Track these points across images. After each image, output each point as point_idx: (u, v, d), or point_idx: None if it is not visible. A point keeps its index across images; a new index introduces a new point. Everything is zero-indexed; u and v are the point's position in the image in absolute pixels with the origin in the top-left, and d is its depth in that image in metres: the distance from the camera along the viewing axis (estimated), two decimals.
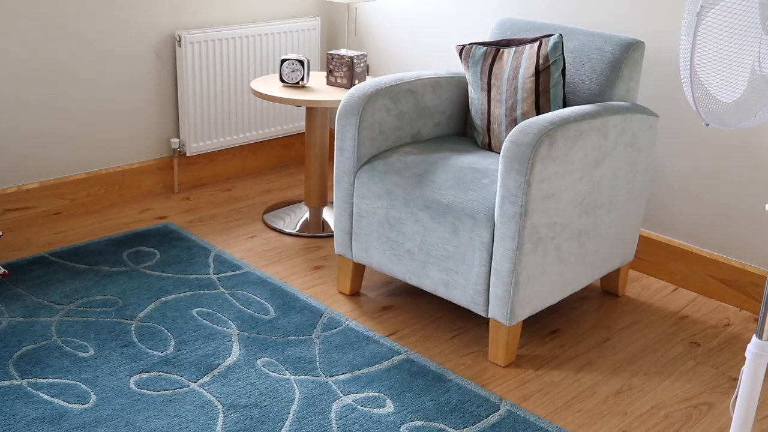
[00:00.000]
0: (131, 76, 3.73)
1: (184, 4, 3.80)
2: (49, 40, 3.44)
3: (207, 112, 3.93)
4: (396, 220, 2.75)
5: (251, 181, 4.19)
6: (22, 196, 3.53)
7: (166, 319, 2.81)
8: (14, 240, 3.42)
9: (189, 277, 3.10)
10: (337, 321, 2.84)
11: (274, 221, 3.64)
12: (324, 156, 3.59)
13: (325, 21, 4.38)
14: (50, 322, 2.78)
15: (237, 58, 3.96)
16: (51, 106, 3.53)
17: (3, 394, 2.39)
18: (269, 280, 3.10)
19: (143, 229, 3.52)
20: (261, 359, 2.60)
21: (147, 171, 3.89)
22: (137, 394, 2.41)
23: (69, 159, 3.64)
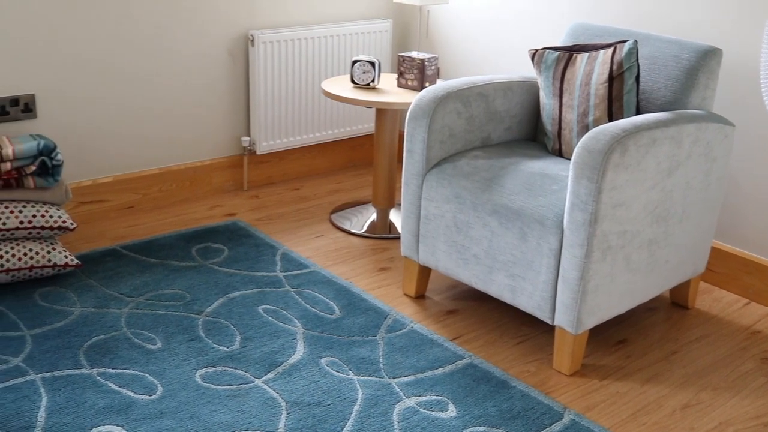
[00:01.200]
0: (205, 75, 3.78)
1: (258, 5, 3.84)
2: (126, 40, 3.51)
3: (278, 112, 3.96)
4: (463, 224, 2.75)
5: (319, 180, 4.21)
6: (96, 189, 3.61)
7: (232, 315, 2.84)
8: (88, 232, 3.50)
9: (256, 275, 3.13)
10: (401, 323, 2.84)
11: (341, 221, 3.66)
12: (393, 158, 3.60)
13: (396, 23, 4.39)
14: (120, 313, 2.83)
15: (308, 59, 3.99)
16: (126, 103, 3.60)
17: (73, 382, 2.44)
18: (335, 280, 3.11)
19: (212, 225, 3.57)
20: (325, 358, 2.61)
21: (217, 168, 3.95)
22: (202, 387, 2.44)
23: (142, 155, 3.71)
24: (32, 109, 3.37)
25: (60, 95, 3.42)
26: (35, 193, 3.02)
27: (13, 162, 2.97)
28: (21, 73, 3.31)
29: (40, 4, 3.27)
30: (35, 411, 2.31)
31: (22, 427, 2.24)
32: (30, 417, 2.28)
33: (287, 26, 3.97)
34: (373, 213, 3.69)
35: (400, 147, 4.42)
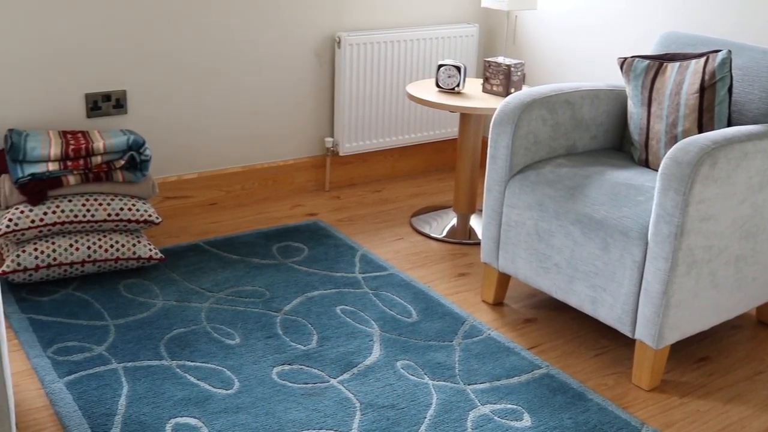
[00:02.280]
0: (291, 75, 3.82)
1: (346, 7, 3.87)
2: (215, 40, 3.57)
3: (362, 114, 3.98)
4: (545, 232, 2.72)
5: (401, 183, 4.22)
6: (181, 185, 3.68)
7: (310, 314, 2.86)
8: (172, 227, 3.56)
9: (335, 275, 3.15)
10: (478, 329, 2.83)
11: (422, 225, 3.65)
12: (475, 163, 3.58)
13: (483, 28, 4.37)
14: (201, 308, 2.88)
15: (394, 62, 4.00)
16: (213, 102, 3.66)
17: (153, 373, 2.49)
18: (413, 284, 3.11)
19: (293, 224, 3.60)
20: (401, 361, 2.61)
21: (300, 168, 3.98)
22: (278, 384, 2.47)
23: (227, 152, 3.77)
24: (123, 105, 3.45)
25: (150, 92, 3.49)
26: (123, 187, 3.09)
27: (104, 156, 3.05)
28: (113, 69, 3.39)
29: (132, 4, 3.35)
30: (116, 399, 2.36)
31: (104, 414, 2.30)
32: (111, 405, 2.34)
33: (374, 29, 3.98)
34: (453, 218, 3.67)
35: (483, 152, 4.39)
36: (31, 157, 2.98)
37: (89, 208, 2.98)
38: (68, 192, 3.00)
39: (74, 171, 3.00)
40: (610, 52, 3.77)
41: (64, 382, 2.43)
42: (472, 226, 3.62)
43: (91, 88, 3.38)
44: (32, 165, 2.97)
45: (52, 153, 2.99)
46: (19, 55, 3.20)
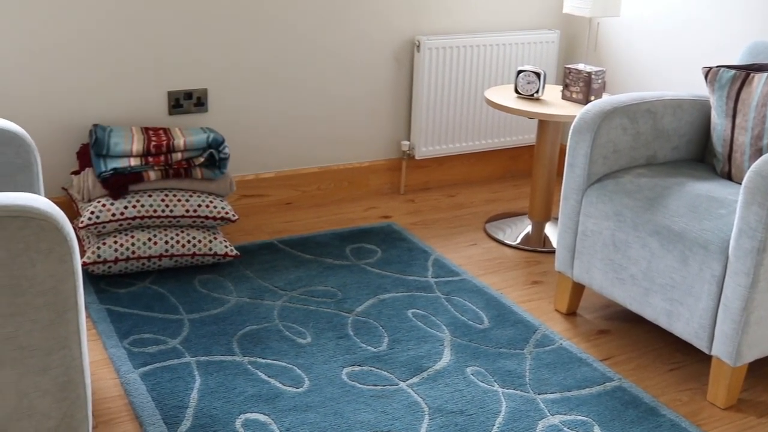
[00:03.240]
0: (369, 78, 3.84)
1: (426, 11, 3.87)
2: (295, 42, 3.61)
3: (439, 118, 3.98)
4: (622, 243, 2.67)
5: (476, 189, 4.20)
6: (258, 184, 3.72)
7: (381, 316, 2.87)
8: (247, 225, 3.61)
9: (407, 278, 3.15)
10: (550, 339, 2.79)
11: (496, 231, 3.63)
12: (552, 170, 3.54)
13: (564, 34, 4.32)
14: (273, 306, 2.91)
15: (473, 66, 3.98)
16: (291, 103, 3.69)
17: (225, 368, 2.52)
18: (486, 290, 3.09)
19: (367, 226, 3.61)
20: (471, 367, 2.60)
21: (376, 170, 4.00)
22: (348, 385, 2.47)
23: (304, 153, 3.80)
24: (204, 103, 3.51)
25: (230, 91, 3.54)
26: (202, 184, 3.14)
27: (184, 153, 3.10)
28: (196, 68, 3.45)
29: (216, 5, 3.40)
30: (188, 392, 2.40)
31: (176, 406, 2.33)
32: (183, 397, 2.37)
33: (454, 33, 3.97)
34: (528, 225, 3.64)
35: (560, 160, 4.35)
36: (114, 152, 3.04)
37: (168, 203, 3.04)
38: (148, 187, 3.06)
39: (155, 167, 3.06)
40: (693, 60, 3.70)
41: (139, 373, 2.48)
42: (546, 234, 3.58)
43: (174, 86, 3.44)
44: (115, 160, 3.04)
45: (134, 149, 3.05)
46: (105, 53, 3.28)
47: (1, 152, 2.26)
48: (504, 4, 4.06)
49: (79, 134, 3.34)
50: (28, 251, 1.58)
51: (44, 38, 3.17)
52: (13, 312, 1.60)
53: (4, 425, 1.67)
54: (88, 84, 3.29)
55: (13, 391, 1.66)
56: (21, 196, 1.60)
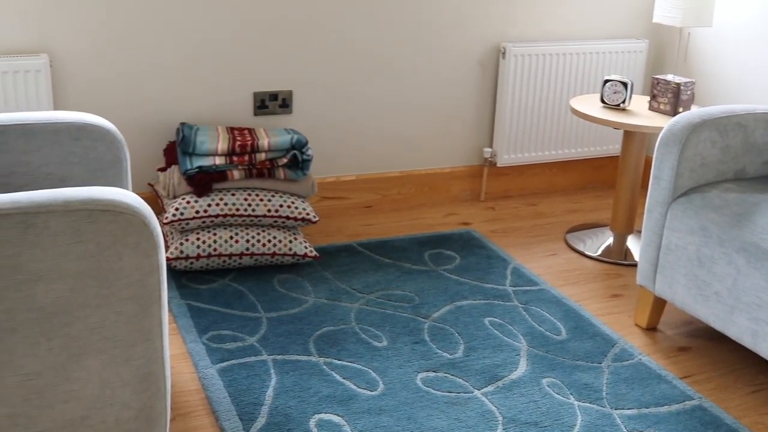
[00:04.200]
0: (453, 84, 3.83)
1: (512, 17, 3.84)
2: (380, 46, 3.62)
3: (522, 126, 3.95)
4: (707, 259, 2.61)
5: (557, 198, 4.16)
6: (339, 186, 3.75)
7: (458, 323, 2.86)
8: (327, 227, 3.64)
9: (485, 286, 3.13)
10: (629, 353, 2.75)
11: (576, 242, 3.59)
12: (636, 182, 3.48)
13: (652, 44, 4.25)
14: (350, 308, 2.92)
15: (558, 74, 3.94)
16: (375, 107, 3.71)
17: (301, 367, 2.54)
18: (564, 301, 3.06)
19: (447, 232, 3.61)
20: (547, 379, 2.57)
21: (457, 177, 3.99)
22: (422, 391, 2.47)
23: (385, 157, 3.81)
24: (289, 104, 3.55)
25: (315, 94, 3.58)
26: (284, 185, 3.17)
27: (268, 153, 3.14)
28: (282, 70, 3.49)
29: (303, 8, 3.44)
30: (264, 390, 2.43)
31: (251, 403, 2.36)
32: (259, 395, 2.40)
33: (540, 40, 3.94)
34: (609, 237, 3.59)
35: (645, 172, 4.27)
36: (200, 151, 3.10)
37: (251, 202, 3.08)
38: (232, 186, 3.11)
39: (239, 166, 3.10)
40: None
41: (217, 369, 2.52)
42: (628, 246, 3.52)
43: (260, 87, 3.49)
44: (200, 158, 3.09)
45: (219, 147, 3.10)
46: (194, 53, 3.34)
47: (93, 147, 2.32)
48: (592, 13, 4.01)
49: (167, 132, 3.41)
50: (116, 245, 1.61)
51: (136, 40, 3.25)
52: (100, 303, 1.64)
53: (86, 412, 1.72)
54: (177, 83, 3.35)
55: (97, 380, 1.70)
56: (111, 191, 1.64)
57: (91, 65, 3.22)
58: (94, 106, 3.28)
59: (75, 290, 1.62)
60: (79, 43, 3.18)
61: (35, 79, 3.06)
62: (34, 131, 2.29)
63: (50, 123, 2.31)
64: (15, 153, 2.28)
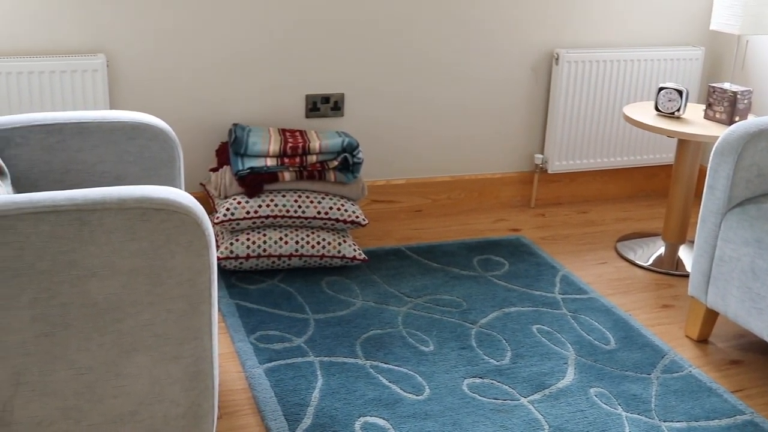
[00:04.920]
0: (505, 89, 3.81)
1: (566, 23, 3.82)
2: (432, 51, 3.62)
3: (574, 132, 3.92)
4: (762, 271, 2.57)
5: (608, 206, 4.11)
6: (389, 190, 3.75)
7: (506, 330, 2.84)
8: (377, 230, 3.64)
9: (534, 293, 3.11)
10: (679, 365, 2.71)
11: (627, 251, 3.55)
12: (690, 192, 3.43)
13: (709, 52, 4.19)
14: (398, 312, 2.92)
15: (612, 81, 3.91)
16: (426, 111, 3.70)
17: (348, 370, 2.55)
18: (614, 310, 3.02)
19: (496, 238, 3.59)
20: (594, 388, 2.54)
21: (507, 182, 3.97)
22: (468, 397, 2.46)
23: (436, 161, 3.81)
24: (340, 107, 3.56)
25: (366, 97, 3.59)
26: (334, 187, 3.18)
27: (319, 155, 3.15)
28: (334, 74, 3.51)
29: (357, 14, 3.45)
30: (310, 391, 2.44)
31: (297, 404, 2.37)
32: (305, 396, 2.41)
33: (594, 47, 3.91)
34: (661, 246, 3.54)
35: (699, 181, 4.21)
36: (251, 152, 3.12)
37: (301, 204, 3.09)
38: (283, 187, 3.13)
39: (290, 168, 3.12)
40: None
41: (264, 369, 2.53)
42: (680, 257, 3.47)
43: (312, 89, 3.51)
44: (252, 159, 3.12)
45: (271, 149, 3.12)
46: (247, 56, 3.37)
47: (148, 146, 2.35)
48: (648, 19, 3.97)
49: (220, 133, 3.44)
50: (168, 243, 1.63)
51: (191, 42, 3.28)
52: (152, 301, 1.66)
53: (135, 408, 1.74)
54: (230, 85, 3.39)
55: (147, 376, 1.72)
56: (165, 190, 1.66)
57: (146, 66, 3.26)
58: (148, 106, 3.32)
59: (127, 287, 1.64)
60: (135, 44, 3.22)
61: (92, 78, 3.11)
62: (90, 130, 2.33)
63: (106, 122, 2.34)
64: (71, 151, 2.32)
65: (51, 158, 2.30)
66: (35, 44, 3.12)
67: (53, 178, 2.30)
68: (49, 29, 3.11)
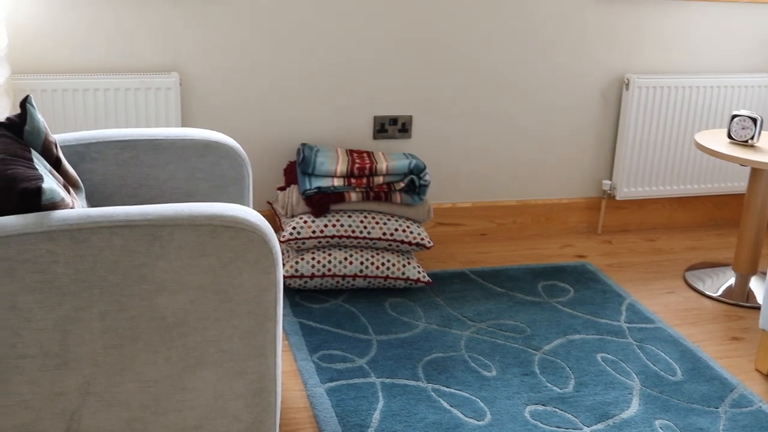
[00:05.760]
0: (573, 114, 3.79)
1: (638, 48, 3.78)
2: (501, 75, 3.61)
3: (644, 159, 3.87)
4: None
5: (677, 235, 4.05)
6: (455, 213, 3.75)
7: (570, 357, 2.81)
8: (441, 253, 3.63)
9: (599, 321, 3.07)
10: (749, 399, 2.64)
11: (695, 281, 3.48)
12: (762, 222, 3.36)
13: None
14: (461, 335, 2.91)
15: (684, 108, 3.85)
16: (493, 135, 3.70)
17: (409, 392, 2.54)
18: (681, 341, 2.97)
19: (561, 264, 3.56)
20: (659, 420, 2.49)
21: (574, 208, 3.93)
22: (530, 424, 2.43)
23: (502, 185, 3.79)
24: (408, 129, 3.57)
25: (434, 120, 3.59)
26: (400, 209, 3.19)
27: (385, 177, 3.16)
28: (402, 96, 3.52)
29: (425, 37, 3.46)
30: (371, 412, 2.43)
31: (357, 424, 2.37)
32: (366, 417, 2.41)
33: (666, 72, 3.86)
34: (731, 277, 3.47)
35: None
36: (319, 172, 3.15)
37: (366, 225, 3.10)
38: (349, 208, 3.14)
39: (357, 188, 3.14)
40: None
41: (325, 388, 2.54)
42: (751, 288, 3.40)
43: (380, 111, 3.53)
44: (319, 179, 3.14)
45: (338, 169, 3.15)
46: (317, 77, 3.41)
47: (218, 164, 2.39)
48: (721, 45, 3.91)
49: (288, 152, 3.48)
50: (236, 261, 1.65)
51: (261, 62, 3.33)
52: (219, 317, 1.68)
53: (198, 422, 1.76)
54: (299, 105, 3.42)
55: (211, 391, 1.74)
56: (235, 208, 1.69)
57: (218, 85, 3.32)
58: (219, 124, 3.37)
59: (195, 302, 1.66)
60: (208, 63, 3.28)
61: (165, 96, 3.17)
62: (163, 147, 2.37)
63: (178, 139, 2.39)
64: (144, 167, 2.36)
65: (124, 173, 2.35)
66: (111, 62, 3.19)
67: (126, 192, 2.35)
68: (125, 48, 3.18)
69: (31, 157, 1.82)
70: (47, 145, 1.98)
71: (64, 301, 1.61)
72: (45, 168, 1.86)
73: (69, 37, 3.13)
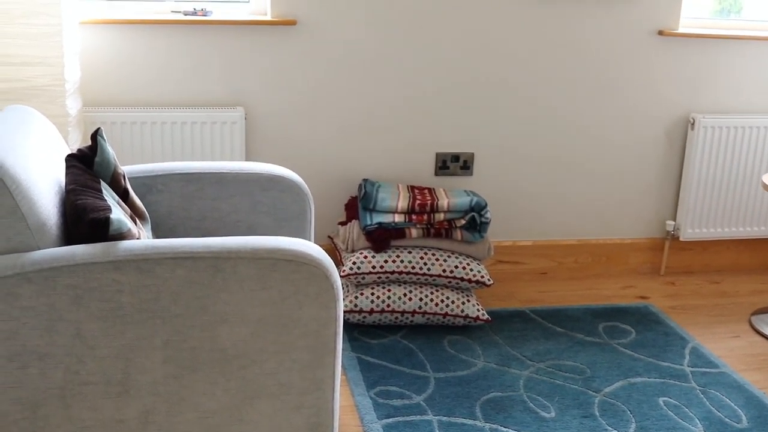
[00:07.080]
0: (636, 153, 3.75)
1: (704, 88, 3.74)
2: (563, 115, 3.60)
3: (709, 200, 3.81)
4: None
5: (743, 278, 3.97)
6: (515, 251, 3.72)
7: (631, 401, 2.76)
8: (501, 291, 3.61)
9: (661, 364, 3.01)
10: None
11: (762, 326, 3.40)
12: None
13: None
14: (519, 375, 2.87)
15: (750, 148, 3.79)
16: (555, 173, 3.68)
17: (466, 431, 2.53)
18: (746, 387, 2.90)
19: (623, 305, 3.50)
20: None
21: (636, 248, 3.88)
22: None
23: (563, 224, 3.76)
24: (470, 166, 3.57)
25: (495, 158, 3.59)
26: (461, 246, 3.18)
27: (446, 214, 3.16)
28: (465, 133, 3.53)
29: (488, 76, 3.47)
30: None
31: None
32: None
33: (732, 112, 3.81)
34: None
35: None
36: (380, 207, 3.16)
37: (426, 261, 3.10)
38: (409, 244, 3.15)
39: (417, 225, 3.14)
40: None
41: (382, 425, 2.53)
42: None
43: (442, 148, 3.53)
44: (381, 214, 3.15)
45: (399, 205, 3.16)
46: (379, 113, 3.43)
47: (281, 198, 2.41)
48: None
49: (349, 187, 3.50)
50: (297, 294, 1.66)
51: (324, 99, 3.37)
52: (278, 350, 1.69)
53: None
54: (361, 141, 3.45)
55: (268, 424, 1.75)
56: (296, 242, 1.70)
57: (282, 120, 3.36)
58: (282, 159, 3.41)
59: (255, 335, 1.68)
60: (272, 99, 3.33)
61: (231, 130, 3.22)
62: (227, 180, 2.41)
63: (243, 173, 2.42)
64: (208, 199, 2.40)
65: (189, 206, 2.39)
66: (179, 96, 3.26)
67: (190, 225, 2.39)
68: (192, 82, 3.25)
69: (100, 188, 1.86)
70: (116, 177, 2.02)
71: (128, 329, 1.64)
72: (113, 199, 1.90)
73: (139, 71, 3.20)
